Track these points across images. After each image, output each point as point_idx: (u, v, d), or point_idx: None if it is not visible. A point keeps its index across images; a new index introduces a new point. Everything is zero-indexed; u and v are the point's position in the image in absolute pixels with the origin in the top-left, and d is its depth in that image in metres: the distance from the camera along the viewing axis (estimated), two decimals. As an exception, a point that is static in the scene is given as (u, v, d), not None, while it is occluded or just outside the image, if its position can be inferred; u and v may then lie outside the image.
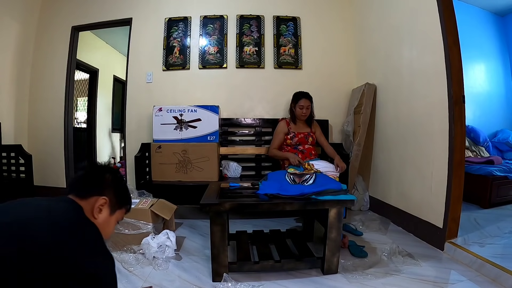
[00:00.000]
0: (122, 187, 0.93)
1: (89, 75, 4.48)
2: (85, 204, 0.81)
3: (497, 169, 2.71)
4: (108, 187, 0.87)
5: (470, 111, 3.08)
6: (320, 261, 1.56)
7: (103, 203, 0.84)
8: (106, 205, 0.85)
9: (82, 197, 0.82)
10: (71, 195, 0.82)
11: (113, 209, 0.89)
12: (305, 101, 2.35)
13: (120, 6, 3.06)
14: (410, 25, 2.19)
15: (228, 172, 2.69)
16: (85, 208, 0.80)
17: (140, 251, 1.72)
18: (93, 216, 0.82)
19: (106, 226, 0.86)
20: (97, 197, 0.83)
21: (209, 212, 1.43)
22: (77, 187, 0.84)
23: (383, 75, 2.59)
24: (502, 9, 3.80)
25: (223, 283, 1.39)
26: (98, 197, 0.83)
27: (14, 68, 2.97)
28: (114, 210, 0.89)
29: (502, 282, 1.39)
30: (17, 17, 2.95)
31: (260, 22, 3.02)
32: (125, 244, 1.78)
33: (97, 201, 0.83)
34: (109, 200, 0.85)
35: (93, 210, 0.82)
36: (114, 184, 0.89)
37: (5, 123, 2.78)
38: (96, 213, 0.83)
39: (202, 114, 2.64)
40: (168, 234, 1.76)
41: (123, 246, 1.78)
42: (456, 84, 1.76)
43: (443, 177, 1.82)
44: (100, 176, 0.88)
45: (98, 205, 0.83)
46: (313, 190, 1.49)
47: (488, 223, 2.19)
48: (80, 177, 0.87)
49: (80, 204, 0.80)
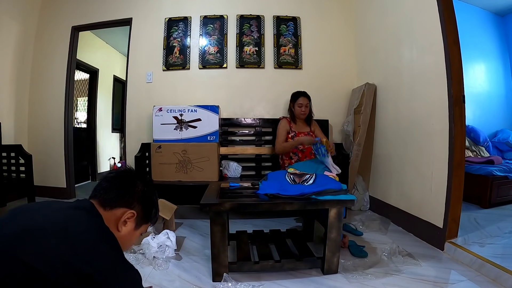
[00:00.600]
0: (153, 201, 0.86)
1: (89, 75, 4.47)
2: (109, 214, 0.75)
3: (497, 169, 2.71)
4: (138, 199, 0.80)
5: (470, 111, 3.07)
6: (320, 261, 1.55)
7: (130, 217, 0.78)
8: (133, 219, 0.79)
9: (107, 208, 0.75)
10: (94, 201, 0.76)
11: (139, 223, 0.82)
12: (303, 99, 2.36)
13: (120, 6, 3.06)
14: (410, 25, 2.19)
15: (228, 172, 2.69)
16: (108, 219, 0.73)
17: (140, 251, 1.72)
18: (117, 228, 0.77)
19: (127, 239, 0.80)
20: (124, 210, 0.77)
21: (209, 212, 1.43)
22: (103, 196, 0.77)
23: (383, 75, 2.59)
24: (502, 9, 3.80)
25: (223, 283, 1.39)
26: (126, 210, 0.77)
27: (14, 68, 2.97)
28: (140, 224, 0.83)
29: (502, 282, 1.38)
30: (17, 17, 2.95)
31: (260, 22, 3.02)
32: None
33: (124, 214, 0.77)
34: (136, 214, 0.79)
35: (118, 222, 0.76)
36: (144, 197, 0.82)
37: (5, 123, 2.78)
38: (121, 226, 0.77)
39: (202, 114, 2.64)
40: (168, 234, 1.76)
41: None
42: (456, 84, 1.76)
43: (443, 177, 1.82)
44: (130, 186, 0.81)
45: (124, 218, 0.77)
46: (313, 190, 1.49)
47: (488, 223, 2.19)
48: (108, 185, 0.79)
49: (101, 213, 0.73)
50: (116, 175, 0.82)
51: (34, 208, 0.71)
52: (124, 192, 0.78)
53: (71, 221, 0.65)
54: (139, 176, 0.85)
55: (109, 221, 0.73)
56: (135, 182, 0.82)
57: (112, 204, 0.76)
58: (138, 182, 0.82)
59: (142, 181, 0.83)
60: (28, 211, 0.70)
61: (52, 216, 0.67)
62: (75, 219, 0.67)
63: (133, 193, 0.80)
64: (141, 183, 0.83)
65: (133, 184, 0.81)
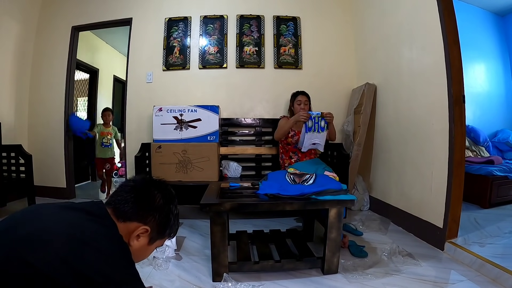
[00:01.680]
0: (171, 216, 0.78)
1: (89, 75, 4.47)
2: (122, 226, 0.69)
3: (497, 169, 2.71)
4: (154, 214, 0.74)
5: (470, 111, 3.08)
6: (320, 261, 1.55)
7: (143, 232, 0.72)
8: (146, 234, 0.73)
9: (120, 220, 0.70)
10: (109, 208, 0.71)
11: (154, 238, 0.76)
12: (302, 97, 2.37)
13: (120, 6, 3.06)
14: (410, 25, 2.19)
15: (228, 172, 2.69)
16: (121, 230, 0.69)
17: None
18: (128, 242, 0.71)
19: (140, 254, 0.75)
20: (138, 225, 0.71)
21: (209, 212, 1.43)
22: (118, 206, 0.72)
23: (383, 75, 2.59)
24: (502, 9, 3.80)
25: (223, 283, 1.39)
26: (139, 225, 0.72)
27: (14, 68, 2.97)
28: (155, 239, 0.77)
29: (502, 282, 1.39)
30: (17, 16, 2.95)
31: (260, 22, 3.02)
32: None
33: (137, 229, 0.71)
34: (151, 230, 0.73)
35: (130, 236, 0.71)
36: (162, 211, 0.76)
37: (5, 123, 2.78)
38: (133, 240, 0.72)
39: (202, 114, 2.64)
40: None
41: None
42: (456, 84, 1.76)
43: (443, 177, 1.82)
44: (148, 199, 0.74)
45: (137, 233, 0.72)
46: (313, 190, 1.49)
47: (488, 223, 2.19)
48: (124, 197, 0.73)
49: (115, 222, 0.69)
50: (134, 185, 0.76)
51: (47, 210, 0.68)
52: (140, 206, 0.73)
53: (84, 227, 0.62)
54: (158, 186, 0.78)
55: (122, 232, 0.69)
56: (154, 194, 0.76)
57: (126, 217, 0.71)
58: (156, 194, 0.76)
59: (161, 193, 0.77)
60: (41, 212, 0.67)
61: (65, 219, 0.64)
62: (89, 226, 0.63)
63: (150, 208, 0.74)
64: (160, 195, 0.76)
65: (151, 197, 0.75)
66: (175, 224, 0.81)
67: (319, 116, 2.10)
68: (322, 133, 2.15)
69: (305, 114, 2.09)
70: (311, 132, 2.12)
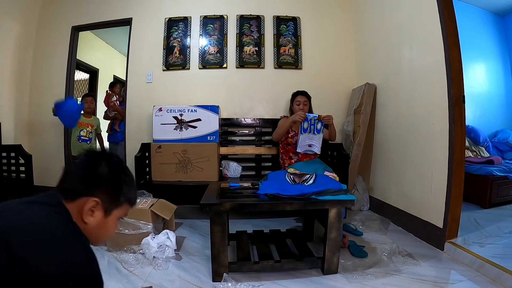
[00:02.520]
0: (122, 179, 0.73)
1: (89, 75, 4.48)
2: (72, 207, 0.66)
3: (497, 169, 2.71)
4: (100, 182, 0.69)
5: (470, 111, 3.08)
6: (320, 261, 1.56)
7: (94, 205, 0.67)
8: (99, 207, 0.68)
9: (68, 199, 0.66)
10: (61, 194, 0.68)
11: (109, 209, 0.71)
12: (301, 97, 2.37)
13: (120, 6, 3.06)
14: (410, 25, 2.19)
15: (228, 172, 2.69)
16: (73, 212, 0.65)
17: (140, 251, 1.72)
18: (83, 220, 0.67)
19: (101, 230, 0.71)
20: (86, 199, 0.67)
21: (209, 212, 1.43)
22: (64, 186, 0.68)
23: (383, 75, 2.59)
24: (502, 9, 3.80)
25: (223, 283, 1.39)
26: (87, 199, 0.67)
27: (14, 68, 2.97)
28: (111, 209, 0.72)
29: (502, 282, 1.39)
30: (17, 17, 2.95)
31: (260, 22, 3.02)
32: (125, 244, 1.78)
33: (86, 203, 0.67)
34: (101, 201, 0.68)
35: (82, 214, 0.67)
36: (109, 177, 0.70)
37: (5, 123, 2.78)
38: (87, 218, 0.67)
39: (202, 114, 2.64)
40: (168, 234, 1.76)
41: (123, 246, 1.77)
42: (456, 84, 1.76)
43: (443, 177, 1.82)
44: (90, 169, 0.69)
45: (87, 208, 0.67)
46: (313, 190, 1.49)
47: (488, 223, 2.19)
48: (66, 172, 0.70)
49: (67, 207, 0.65)
50: (76, 163, 0.72)
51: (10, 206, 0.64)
52: (85, 179, 0.68)
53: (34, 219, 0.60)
54: (101, 156, 0.73)
55: (75, 215, 0.66)
56: (97, 164, 0.70)
57: (73, 195, 0.67)
58: (100, 163, 0.70)
59: (105, 161, 0.71)
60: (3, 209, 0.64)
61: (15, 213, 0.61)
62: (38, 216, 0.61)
63: (95, 179, 0.69)
64: (105, 163, 0.71)
65: (95, 168, 0.70)
66: (130, 190, 0.75)
67: (315, 119, 2.12)
68: (318, 135, 2.17)
69: (302, 115, 2.10)
70: (307, 133, 2.15)
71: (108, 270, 1.57)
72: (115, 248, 1.79)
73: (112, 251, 1.78)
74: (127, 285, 1.43)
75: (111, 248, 1.80)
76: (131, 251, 1.74)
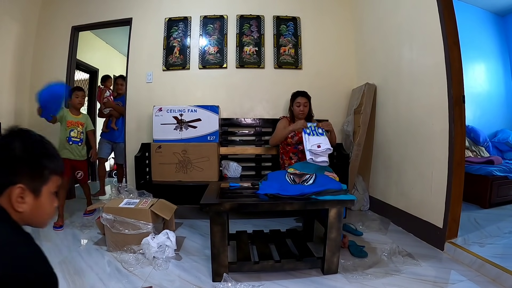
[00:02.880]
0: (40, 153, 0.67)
1: (89, 75, 4.48)
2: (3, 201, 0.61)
3: (497, 169, 2.71)
4: (18, 165, 0.63)
5: (470, 111, 3.07)
6: (320, 261, 1.56)
7: (20, 192, 0.62)
8: (27, 192, 0.63)
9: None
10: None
11: (37, 189, 0.65)
12: (301, 98, 2.36)
13: (120, 6, 3.06)
14: (410, 25, 2.19)
15: (228, 172, 2.69)
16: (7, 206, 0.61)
17: (140, 251, 1.72)
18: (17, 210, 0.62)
19: (39, 212, 0.67)
20: (10, 189, 0.61)
21: (209, 212, 1.43)
22: None
23: (383, 75, 2.59)
24: (502, 9, 3.80)
25: (223, 283, 1.39)
26: (12, 188, 0.61)
27: (14, 68, 2.97)
28: (38, 189, 0.66)
29: (502, 282, 1.39)
30: (17, 17, 2.95)
31: (260, 22, 3.02)
32: (125, 244, 1.78)
33: (12, 193, 0.61)
34: (26, 185, 0.63)
35: (13, 204, 0.62)
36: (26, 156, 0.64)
37: (5, 123, 2.78)
38: (19, 206, 0.62)
39: (202, 114, 2.64)
40: (168, 234, 1.76)
41: (123, 246, 1.78)
42: (456, 84, 1.76)
43: (443, 177, 1.82)
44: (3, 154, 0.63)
45: (15, 197, 0.61)
46: (313, 190, 1.49)
47: (488, 223, 2.19)
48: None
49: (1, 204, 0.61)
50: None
51: None
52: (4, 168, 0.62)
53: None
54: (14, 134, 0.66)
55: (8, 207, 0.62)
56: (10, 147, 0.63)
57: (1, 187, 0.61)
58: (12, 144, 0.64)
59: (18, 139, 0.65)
60: None
61: None
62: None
63: (13, 164, 0.63)
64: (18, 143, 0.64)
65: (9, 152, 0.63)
66: (53, 160, 0.69)
67: (314, 126, 2.12)
68: (323, 137, 2.09)
69: (303, 125, 2.11)
70: (311, 135, 2.08)
71: (108, 270, 1.57)
72: (115, 248, 1.79)
73: (112, 251, 1.79)
74: (127, 285, 1.43)
75: (111, 248, 1.80)
76: (131, 251, 1.74)
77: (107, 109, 3.31)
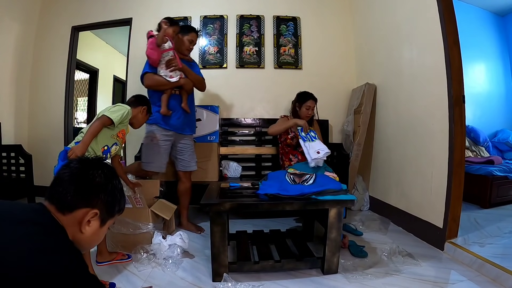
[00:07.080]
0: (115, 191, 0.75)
1: (89, 75, 4.48)
2: (68, 219, 0.66)
3: (497, 169, 2.71)
4: (98, 194, 0.70)
5: (470, 111, 3.08)
6: (320, 261, 1.55)
7: (93, 216, 0.69)
8: (96, 217, 0.70)
9: (65, 212, 0.66)
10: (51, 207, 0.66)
11: (105, 220, 0.73)
12: (311, 102, 2.37)
13: (120, 6, 3.06)
14: (410, 25, 2.19)
15: (228, 172, 2.69)
16: (68, 223, 0.66)
17: (140, 251, 1.72)
18: (80, 230, 0.68)
19: (93, 239, 0.73)
20: (85, 210, 0.68)
21: (209, 212, 1.43)
22: (59, 199, 0.67)
23: (383, 75, 2.59)
24: (502, 9, 3.80)
25: (223, 283, 1.39)
26: (88, 210, 0.68)
27: (14, 68, 2.97)
28: (106, 220, 0.74)
29: (502, 282, 1.39)
30: (17, 17, 2.95)
31: (260, 22, 3.02)
32: (125, 244, 1.77)
33: (86, 215, 0.68)
34: (100, 212, 0.70)
35: (80, 224, 0.67)
36: (106, 189, 0.72)
37: (5, 123, 2.78)
38: (84, 228, 0.68)
39: (202, 114, 2.64)
40: (182, 235, 1.75)
41: (123, 246, 1.77)
42: (456, 84, 1.76)
43: (443, 177, 1.82)
44: (87, 181, 0.70)
45: (87, 219, 0.68)
46: (313, 190, 1.49)
47: (488, 223, 2.19)
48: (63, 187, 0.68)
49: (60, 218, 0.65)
50: (70, 172, 0.70)
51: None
52: (83, 191, 0.68)
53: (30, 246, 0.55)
54: (95, 166, 0.73)
55: (71, 225, 0.66)
56: (93, 175, 0.71)
57: (71, 207, 0.67)
58: (96, 173, 0.71)
59: (100, 171, 0.73)
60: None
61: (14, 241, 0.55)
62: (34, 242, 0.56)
63: (93, 190, 0.70)
64: (100, 174, 0.72)
65: (91, 179, 0.70)
66: (122, 199, 0.79)
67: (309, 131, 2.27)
68: (317, 140, 2.23)
69: (305, 125, 2.22)
70: (307, 141, 2.19)
71: (108, 270, 1.57)
72: (114, 248, 1.79)
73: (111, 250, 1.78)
74: (127, 285, 1.43)
75: (111, 248, 1.80)
76: (131, 251, 1.74)
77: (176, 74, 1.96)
